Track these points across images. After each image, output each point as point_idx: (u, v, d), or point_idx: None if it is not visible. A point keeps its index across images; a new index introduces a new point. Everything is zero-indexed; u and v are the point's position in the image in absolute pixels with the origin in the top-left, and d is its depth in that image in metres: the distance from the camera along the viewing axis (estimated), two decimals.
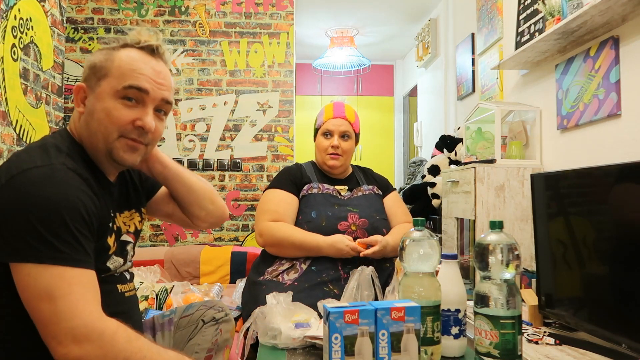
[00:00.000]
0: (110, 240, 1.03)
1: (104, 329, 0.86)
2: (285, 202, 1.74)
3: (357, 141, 1.88)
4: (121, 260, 1.07)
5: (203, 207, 1.26)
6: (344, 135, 1.81)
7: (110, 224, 1.03)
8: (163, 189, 1.29)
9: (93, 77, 1.01)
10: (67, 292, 0.85)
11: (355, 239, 1.65)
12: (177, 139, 3.46)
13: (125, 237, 1.10)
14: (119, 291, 1.07)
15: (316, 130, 1.87)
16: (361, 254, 1.59)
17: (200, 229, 1.35)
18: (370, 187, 1.84)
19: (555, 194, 1.57)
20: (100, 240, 0.98)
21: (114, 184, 1.10)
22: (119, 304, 1.06)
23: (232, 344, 1.41)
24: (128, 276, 1.13)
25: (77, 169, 0.94)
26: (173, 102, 1.10)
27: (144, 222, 1.21)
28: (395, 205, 1.84)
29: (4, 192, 0.88)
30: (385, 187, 1.90)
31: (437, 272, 1.09)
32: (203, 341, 1.25)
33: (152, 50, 1.04)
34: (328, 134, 1.81)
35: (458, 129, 3.11)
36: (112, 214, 1.05)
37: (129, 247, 1.11)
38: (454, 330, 1.07)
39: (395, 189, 1.95)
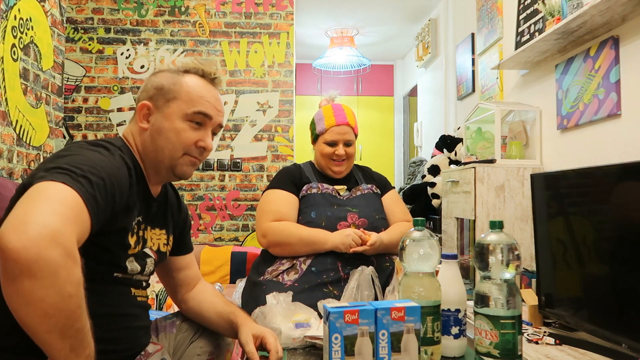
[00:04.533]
0: (132, 240, 1.03)
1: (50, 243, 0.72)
2: (286, 201, 1.73)
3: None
4: (138, 267, 1.07)
5: None
6: (347, 143, 1.80)
7: (134, 223, 1.04)
8: (185, 259, 1.30)
9: (161, 98, 1.10)
10: (45, 199, 0.77)
11: None
12: None
13: (148, 251, 1.11)
14: (132, 294, 1.08)
15: (316, 136, 1.84)
16: (351, 250, 1.59)
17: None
18: (369, 186, 1.83)
19: (555, 194, 1.57)
20: (118, 221, 0.97)
21: (154, 199, 1.15)
22: (129, 306, 1.07)
23: (233, 348, 1.41)
24: (144, 284, 1.14)
25: (126, 160, 1.01)
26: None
27: (168, 247, 1.21)
28: (393, 204, 1.84)
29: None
30: (384, 185, 1.89)
31: (437, 272, 1.09)
32: (205, 344, 1.26)
33: (212, 79, 1.17)
34: (333, 144, 1.79)
35: (458, 129, 3.11)
36: (140, 218, 1.07)
37: (149, 261, 1.11)
38: (454, 330, 1.07)
39: (394, 187, 1.94)
